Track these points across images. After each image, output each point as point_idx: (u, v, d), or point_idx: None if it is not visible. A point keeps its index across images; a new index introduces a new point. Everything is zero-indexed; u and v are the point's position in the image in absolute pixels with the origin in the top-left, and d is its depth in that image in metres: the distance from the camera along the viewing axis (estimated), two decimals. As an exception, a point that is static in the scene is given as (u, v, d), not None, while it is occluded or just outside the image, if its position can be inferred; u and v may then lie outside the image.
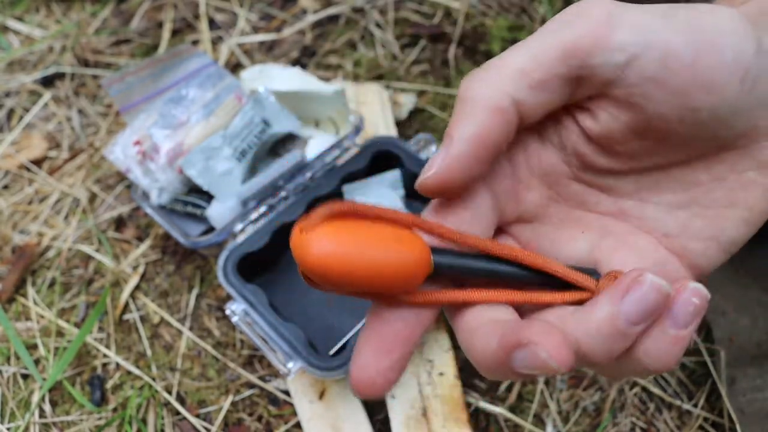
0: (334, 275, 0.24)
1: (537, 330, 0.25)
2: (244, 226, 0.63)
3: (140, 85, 0.70)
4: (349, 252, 0.24)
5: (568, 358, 0.24)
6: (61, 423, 0.60)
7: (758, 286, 0.62)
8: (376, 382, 0.27)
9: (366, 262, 0.24)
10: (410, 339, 0.27)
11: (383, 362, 0.27)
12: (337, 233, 0.24)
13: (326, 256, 0.24)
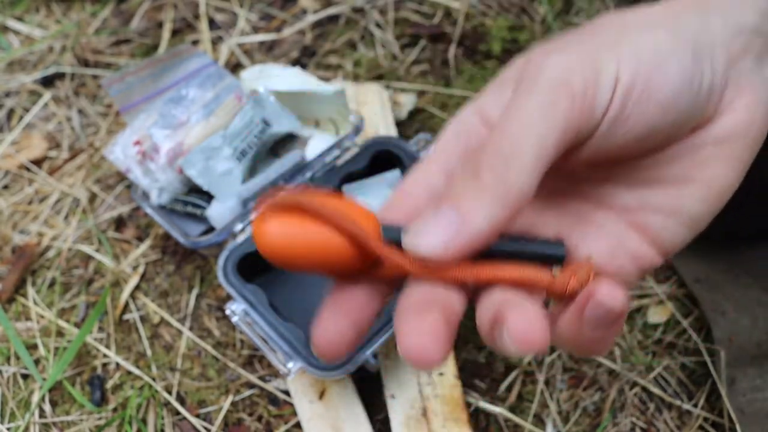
0: (285, 258, 0.27)
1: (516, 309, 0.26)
2: (244, 226, 0.63)
3: (140, 85, 0.70)
4: (296, 237, 0.27)
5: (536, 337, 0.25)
6: (61, 423, 0.60)
7: (758, 286, 0.62)
8: (333, 339, 0.29)
9: (310, 247, 0.27)
10: (368, 304, 0.29)
11: (342, 321, 0.29)
12: (286, 222, 0.27)
13: (275, 244, 0.27)
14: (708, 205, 0.31)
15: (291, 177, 0.66)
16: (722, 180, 0.31)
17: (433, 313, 0.27)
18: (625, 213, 0.32)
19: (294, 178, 0.66)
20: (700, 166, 0.31)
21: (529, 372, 0.61)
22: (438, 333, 0.26)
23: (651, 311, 0.64)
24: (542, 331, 0.25)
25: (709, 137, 0.31)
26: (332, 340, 0.29)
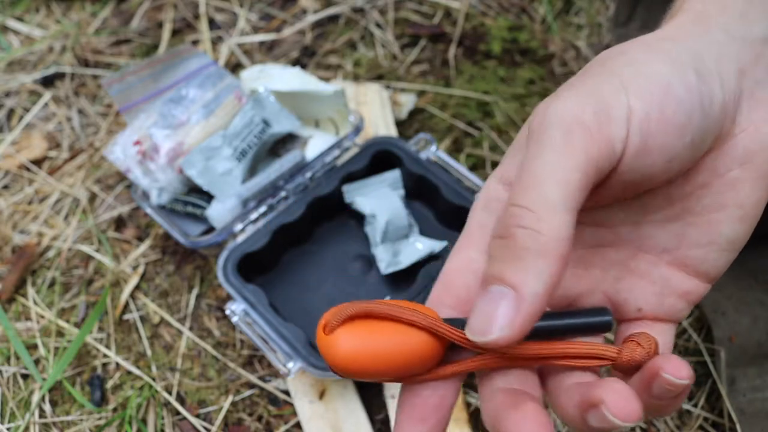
0: (358, 371, 0.28)
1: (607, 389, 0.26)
2: (244, 226, 0.63)
3: (140, 85, 0.70)
4: (369, 350, 0.28)
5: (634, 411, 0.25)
6: (61, 423, 0.60)
7: (759, 287, 0.62)
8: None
9: (383, 357, 0.28)
10: (441, 405, 0.30)
11: (419, 429, 0.29)
12: (356, 333, 0.28)
13: (349, 356, 0.28)
14: (744, 225, 0.31)
15: (291, 177, 0.66)
16: (753, 199, 0.31)
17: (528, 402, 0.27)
18: (665, 254, 0.32)
19: (294, 178, 0.66)
20: (730, 190, 0.31)
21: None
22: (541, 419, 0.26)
23: (651, 311, 0.64)
24: (638, 402, 0.26)
25: (733, 159, 0.30)
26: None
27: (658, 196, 0.32)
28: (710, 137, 0.30)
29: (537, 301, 0.25)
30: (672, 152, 0.28)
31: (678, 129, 0.28)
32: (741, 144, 0.30)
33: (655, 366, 0.27)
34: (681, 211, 0.31)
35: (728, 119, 0.30)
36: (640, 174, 0.29)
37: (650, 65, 0.29)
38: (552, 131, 0.27)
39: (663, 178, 0.30)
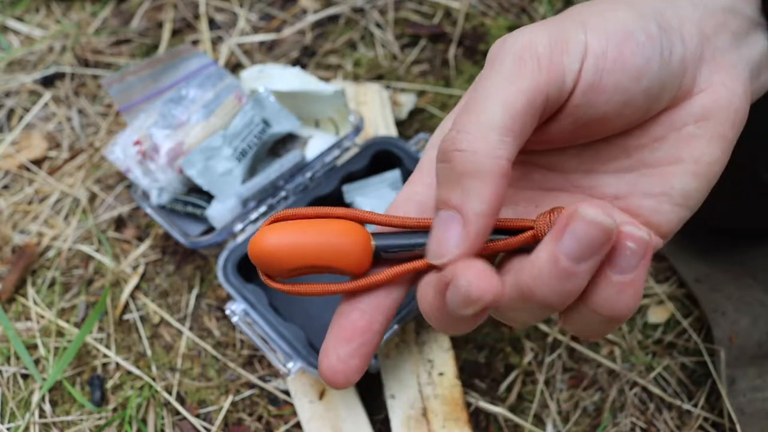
0: (283, 255, 0.28)
1: (460, 266, 0.25)
2: (244, 226, 0.63)
3: (140, 85, 0.70)
4: (292, 236, 0.29)
5: (489, 284, 0.24)
6: (61, 423, 0.60)
7: (759, 286, 0.62)
8: (337, 368, 0.29)
9: (308, 243, 0.29)
10: (368, 328, 0.29)
11: (343, 349, 0.29)
12: (280, 226, 0.29)
13: (275, 242, 0.28)
14: (698, 180, 0.31)
15: (291, 177, 0.66)
16: (708, 157, 0.31)
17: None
18: (617, 201, 0.32)
19: (294, 178, 0.66)
20: (685, 145, 0.31)
21: (529, 372, 0.61)
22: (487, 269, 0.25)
23: (651, 311, 0.64)
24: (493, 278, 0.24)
25: (690, 115, 0.31)
26: (337, 369, 0.29)
27: (612, 146, 0.32)
28: (668, 91, 0.30)
29: (481, 221, 0.26)
30: (627, 95, 0.29)
31: (635, 71, 0.28)
32: (699, 102, 0.31)
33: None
34: (635, 162, 0.32)
35: (688, 77, 0.30)
36: (593, 112, 0.29)
37: (614, 12, 0.29)
38: (504, 58, 0.28)
39: (616, 123, 0.30)
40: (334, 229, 0.29)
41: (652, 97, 0.30)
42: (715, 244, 0.64)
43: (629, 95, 0.29)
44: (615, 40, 0.28)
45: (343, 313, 0.30)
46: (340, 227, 0.30)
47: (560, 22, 0.29)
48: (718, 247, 0.64)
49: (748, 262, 0.63)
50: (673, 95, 0.31)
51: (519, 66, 0.27)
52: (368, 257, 0.30)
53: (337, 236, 0.29)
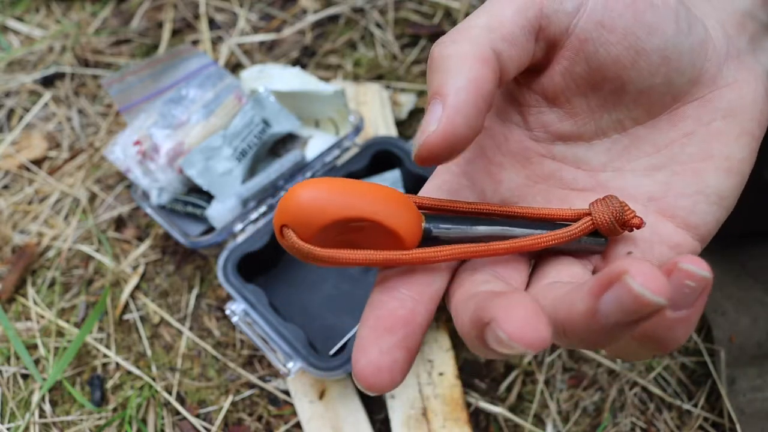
0: (320, 208, 0.23)
1: (502, 304, 0.21)
2: (244, 226, 0.63)
3: (140, 85, 0.70)
4: (336, 185, 0.24)
5: (535, 335, 0.20)
6: (61, 423, 0.60)
7: (759, 287, 0.62)
8: (381, 363, 0.23)
9: (355, 192, 0.24)
10: (411, 319, 0.25)
11: (386, 341, 0.24)
12: (320, 181, 0.24)
13: (313, 191, 0.24)
14: (731, 178, 0.30)
15: (291, 177, 0.66)
16: (739, 154, 0.30)
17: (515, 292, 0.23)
18: (652, 202, 0.30)
19: (294, 178, 0.66)
20: (715, 141, 0.30)
21: (529, 372, 0.61)
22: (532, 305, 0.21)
23: (651, 311, 0.64)
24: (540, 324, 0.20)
25: (717, 110, 0.30)
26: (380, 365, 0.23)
27: (641, 141, 0.31)
28: (687, 64, 0.30)
29: (460, 94, 0.25)
30: (639, 45, 0.28)
31: (646, 26, 0.28)
32: (726, 97, 0.30)
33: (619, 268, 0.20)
34: (666, 159, 0.31)
35: (712, 63, 0.30)
36: (604, 52, 0.29)
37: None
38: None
39: (635, 78, 0.29)
40: (381, 188, 0.25)
41: (669, 62, 0.29)
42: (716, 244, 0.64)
43: (641, 47, 0.28)
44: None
45: (380, 302, 0.25)
46: (387, 189, 0.26)
47: None
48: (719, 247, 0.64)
49: (748, 262, 0.63)
50: (694, 75, 0.30)
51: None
52: (419, 228, 0.26)
53: (385, 194, 0.25)
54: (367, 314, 0.25)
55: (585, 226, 0.28)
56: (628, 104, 0.31)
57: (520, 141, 0.32)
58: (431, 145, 0.25)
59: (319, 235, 0.24)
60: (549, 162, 0.32)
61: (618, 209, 0.27)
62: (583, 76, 0.30)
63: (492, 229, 0.28)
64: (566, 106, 0.31)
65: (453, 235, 0.27)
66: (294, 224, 0.24)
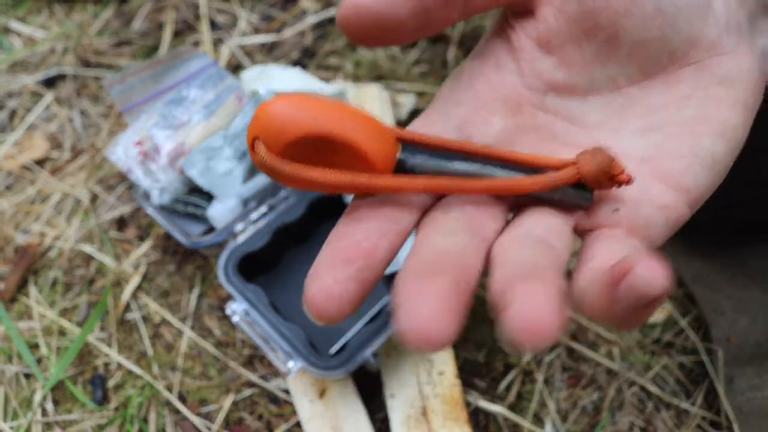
0: (297, 118, 0.23)
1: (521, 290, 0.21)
2: (244, 226, 0.64)
3: (141, 85, 0.70)
4: (310, 101, 0.23)
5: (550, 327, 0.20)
6: (62, 422, 0.60)
7: (757, 286, 0.62)
8: (332, 290, 0.23)
9: (328, 108, 0.23)
10: (371, 252, 0.24)
11: (341, 271, 0.23)
12: (296, 96, 0.23)
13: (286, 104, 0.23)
14: (725, 143, 0.29)
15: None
16: (734, 120, 0.30)
17: (442, 277, 0.22)
18: (644, 163, 0.30)
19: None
20: (713, 105, 0.30)
21: (528, 371, 0.61)
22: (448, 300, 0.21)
23: (650, 311, 0.64)
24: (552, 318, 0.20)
25: (715, 76, 0.30)
26: (330, 293, 0.23)
27: (636, 103, 0.31)
28: (684, 22, 0.29)
29: None
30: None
31: None
32: (725, 65, 0.30)
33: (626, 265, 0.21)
34: (661, 121, 0.30)
35: (711, 27, 0.30)
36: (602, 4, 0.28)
37: None
38: None
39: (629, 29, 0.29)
40: (361, 113, 0.24)
41: (664, 16, 0.29)
42: (715, 243, 0.65)
43: None
44: None
45: (342, 232, 0.25)
46: (367, 116, 0.24)
47: None
48: (718, 246, 0.65)
49: (747, 262, 0.64)
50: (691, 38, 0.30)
51: None
52: (393, 156, 0.25)
53: (361, 116, 0.24)
54: (328, 242, 0.25)
55: (569, 175, 0.26)
56: (622, 59, 0.30)
57: (514, 87, 0.31)
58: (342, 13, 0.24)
59: (288, 149, 0.24)
60: (542, 114, 0.31)
61: (606, 161, 0.26)
62: (576, 18, 0.29)
63: (471, 166, 0.26)
64: (559, 53, 0.30)
65: (429, 169, 0.26)
66: (264, 136, 0.23)
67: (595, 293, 0.23)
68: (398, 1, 0.25)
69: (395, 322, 0.21)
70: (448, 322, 0.20)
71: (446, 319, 0.20)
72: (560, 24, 0.29)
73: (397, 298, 0.21)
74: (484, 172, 0.26)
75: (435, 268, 0.22)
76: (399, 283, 0.22)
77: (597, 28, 0.29)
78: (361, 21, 0.24)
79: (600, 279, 0.22)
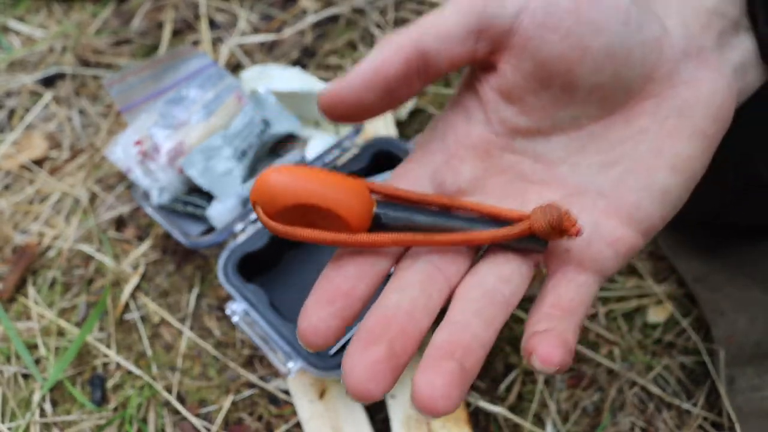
0: (287, 191, 0.28)
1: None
2: (244, 226, 0.64)
3: (141, 85, 0.70)
4: (299, 174, 0.29)
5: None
6: (61, 422, 0.60)
7: (757, 286, 0.62)
8: (318, 327, 0.28)
9: (314, 181, 0.29)
10: (351, 293, 0.29)
11: (324, 310, 0.28)
12: (287, 167, 0.29)
13: (280, 178, 0.28)
14: (677, 176, 0.31)
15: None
16: (688, 152, 0.31)
17: (379, 345, 0.27)
18: (600, 198, 0.32)
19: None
20: (667, 138, 0.31)
21: (529, 372, 0.61)
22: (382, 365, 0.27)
23: (650, 311, 0.64)
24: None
25: (672, 108, 0.31)
26: (316, 329, 0.28)
27: (597, 138, 0.33)
28: (638, 60, 0.31)
29: (358, 72, 0.29)
30: (582, 42, 0.30)
31: (591, 25, 0.30)
32: (682, 95, 0.31)
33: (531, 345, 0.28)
34: (619, 156, 0.32)
35: (666, 61, 0.31)
36: (550, 50, 0.30)
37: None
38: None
39: (583, 75, 0.31)
40: (340, 178, 0.30)
41: (616, 59, 0.30)
42: (715, 243, 0.64)
43: (586, 45, 0.30)
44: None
45: (327, 277, 0.30)
46: (345, 179, 0.30)
47: None
48: (718, 246, 0.65)
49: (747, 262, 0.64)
50: (646, 72, 0.31)
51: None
52: (369, 214, 0.30)
53: (342, 183, 0.29)
54: (316, 285, 0.30)
55: (521, 229, 0.30)
56: (580, 101, 0.32)
57: (482, 135, 0.33)
58: (321, 103, 0.30)
59: (282, 213, 0.29)
60: (509, 155, 0.33)
61: (556, 219, 0.29)
62: (532, 72, 0.31)
63: (437, 219, 0.31)
64: (520, 103, 0.32)
65: (400, 221, 0.31)
66: (261, 203, 0.29)
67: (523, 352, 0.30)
68: (365, 91, 0.29)
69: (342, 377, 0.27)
70: (378, 384, 0.27)
71: (377, 381, 0.26)
72: (517, 78, 0.32)
73: (344, 360, 0.27)
74: (447, 225, 0.31)
75: (377, 335, 0.28)
76: (349, 346, 0.28)
77: (552, 78, 0.31)
78: (336, 106, 0.30)
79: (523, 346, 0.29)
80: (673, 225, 0.35)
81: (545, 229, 0.30)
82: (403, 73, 0.30)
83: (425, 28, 0.30)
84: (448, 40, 0.30)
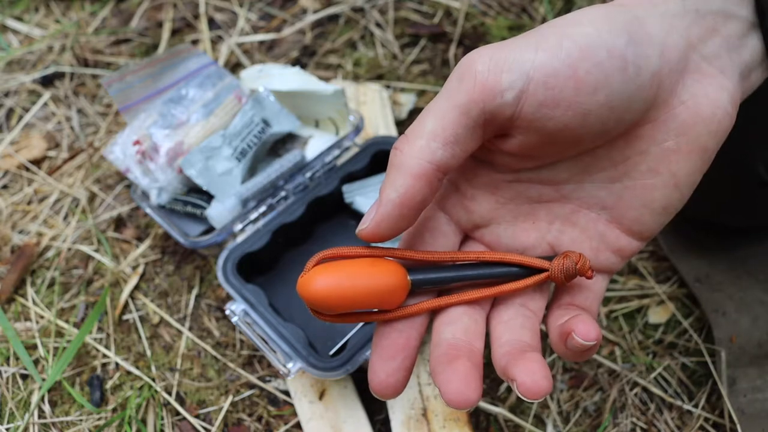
0: (332, 301, 0.31)
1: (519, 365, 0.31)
2: (243, 226, 0.63)
3: (140, 84, 0.70)
4: (341, 281, 0.32)
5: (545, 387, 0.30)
6: (60, 423, 0.60)
7: (759, 286, 0.62)
8: (387, 382, 0.33)
9: (355, 286, 0.32)
10: (407, 345, 0.33)
11: (389, 365, 0.33)
12: (328, 270, 0.32)
13: (324, 288, 0.31)
14: (676, 193, 0.34)
15: (291, 177, 0.66)
16: (686, 170, 0.33)
17: (461, 359, 0.31)
18: (604, 212, 0.35)
19: (294, 178, 0.66)
20: (665, 159, 0.33)
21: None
22: (468, 375, 0.30)
23: (652, 311, 0.64)
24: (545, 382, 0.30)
25: (670, 130, 0.33)
26: (387, 384, 0.33)
27: (599, 159, 0.34)
28: (637, 103, 0.31)
29: (390, 205, 0.31)
30: (583, 108, 0.30)
31: (589, 88, 0.30)
32: (679, 117, 0.32)
33: (569, 326, 0.32)
34: (621, 174, 0.34)
35: (663, 89, 0.32)
36: (554, 124, 0.31)
37: (580, 28, 0.31)
38: (450, 78, 0.32)
39: (586, 133, 0.32)
40: (376, 272, 0.33)
41: (617, 110, 0.31)
42: (716, 243, 0.64)
43: (586, 108, 0.30)
44: (568, 61, 0.30)
45: (383, 334, 0.34)
46: (381, 270, 0.33)
47: (517, 40, 0.31)
48: (719, 247, 0.64)
49: (748, 262, 0.63)
50: (645, 107, 0.32)
51: (458, 84, 0.31)
52: (405, 293, 0.34)
53: (380, 279, 0.32)
54: (375, 343, 0.34)
55: (540, 279, 0.34)
56: (585, 144, 0.33)
57: (489, 175, 0.36)
58: (365, 236, 0.32)
59: (332, 314, 0.33)
60: (516, 185, 0.36)
61: (571, 270, 0.34)
62: (538, 140, 0.32)
63: (464, 274, 0.35)
64: (528, 157, 0.34)
65: (432, 283, 0.35)
66: (311, 307, 0.33)
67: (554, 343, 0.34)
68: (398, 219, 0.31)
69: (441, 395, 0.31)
70: (474, 391, 0.30)
71: (472, 388, 0.30)
72: (524, 148, 0.33)
73: (436, 379, 0.31)
74: (475, 274, 0.35)
75: (453, 356, 0.32)
76: (433, 370, 0.32)
77: (558, 140, 0.32)
78: (375, 237, 0.32)
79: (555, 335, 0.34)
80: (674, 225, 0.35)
81: (561, 280, 0.34)
82: (429, 192, 0.32)
83: (430, 139, 0.31)
84: (456, 143, 0.31)
